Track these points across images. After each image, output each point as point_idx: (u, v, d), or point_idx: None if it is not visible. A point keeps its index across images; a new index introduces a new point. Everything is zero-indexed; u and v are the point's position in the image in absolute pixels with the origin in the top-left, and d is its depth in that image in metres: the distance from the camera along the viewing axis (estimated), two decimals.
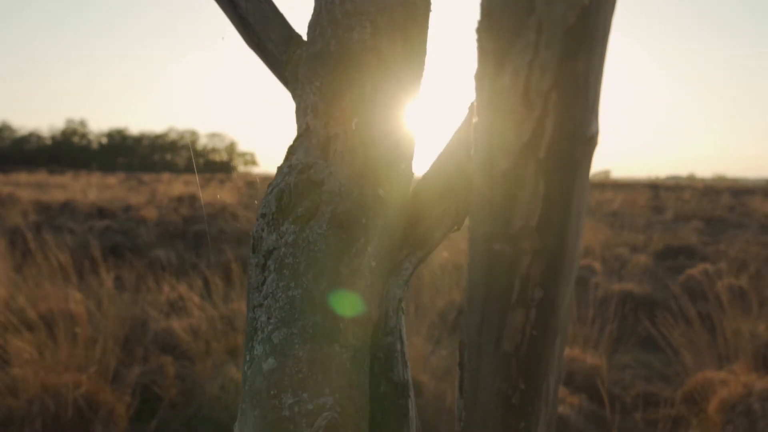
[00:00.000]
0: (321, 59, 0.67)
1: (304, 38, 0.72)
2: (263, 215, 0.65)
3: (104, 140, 76.63)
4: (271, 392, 0.61)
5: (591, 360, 3.73)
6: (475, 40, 0.38)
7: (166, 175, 31.72)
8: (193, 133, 72.17)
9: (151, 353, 3.70)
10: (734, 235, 9.79)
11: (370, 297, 0.65)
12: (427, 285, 4.80)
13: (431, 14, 0.70)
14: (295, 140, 0.68)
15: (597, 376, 3.57)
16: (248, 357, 0.64)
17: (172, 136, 75.53)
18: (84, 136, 76.28)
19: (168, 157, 74.81)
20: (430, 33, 0.70)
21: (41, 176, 26.36)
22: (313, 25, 0.70)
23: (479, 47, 0.37)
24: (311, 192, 0.63)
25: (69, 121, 75.64)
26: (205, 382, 3.42)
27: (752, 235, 9.57)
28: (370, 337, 0.67)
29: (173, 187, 18.59)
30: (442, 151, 0.71)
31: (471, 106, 0.65)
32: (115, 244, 7.25)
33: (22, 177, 24.45)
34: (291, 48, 0.71)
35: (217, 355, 3.64)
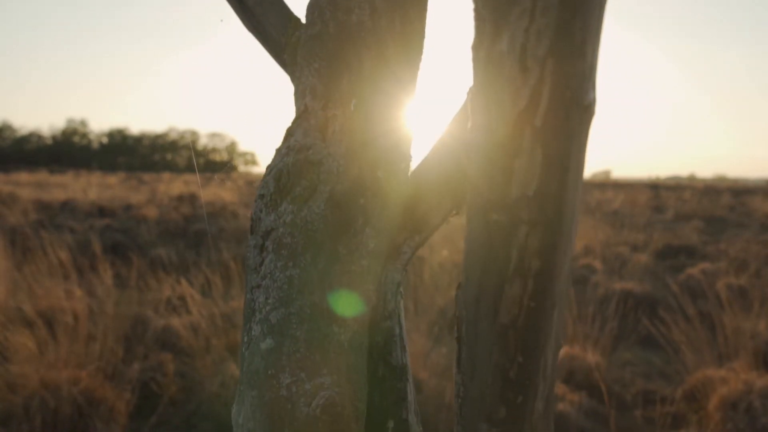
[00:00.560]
0: (320, 41, 0.67)
1: (303, 21, 0.72)
2: (261, 196, 0.65)
3: (105, 140, 76.67)
4: (269, 372, 0.60)
5: (591, 358, 3.73)
6: (472, 9, 0.37)
7: (166, 175, 31.73)
8: (194, 133, 72.23)
9: (151, 350, 3.70)
10: (735, 234, 9.79)
11: (368, 278, 0.65)
12: (427, 283, 4.80)
13: None
14: (293, 122, 0.68)
15: (597, 373, 3.57)
16: (246, 338, 0.64)
17: (173, 135, 75.59)
18: (84, 135, 76.33)
19: (168, 156, 74.85)
20: (429, 15, 0.70)
21: (42, 176, 26.35)
22: (311, 7, 0.70)
23: (476, 15, 0.37)
24: (309, 172, 0.63)
25: (69, 121, 75.68)
26: (205, 379, 3.43)
27: (753, 235, 9.57)
28: (368, 319, 0.67)
29: (173, 186, 18.60)
30: (442, 135, 0.71)
31: (470, 90, 0.65)
32: (116, 243, 7.25)
33: (23, 176, 24.45)
34: (290, 31, 0.71)
35: (217, 352, 3.65)
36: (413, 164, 0.73)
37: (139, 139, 76.80)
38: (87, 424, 2.89)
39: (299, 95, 0.68)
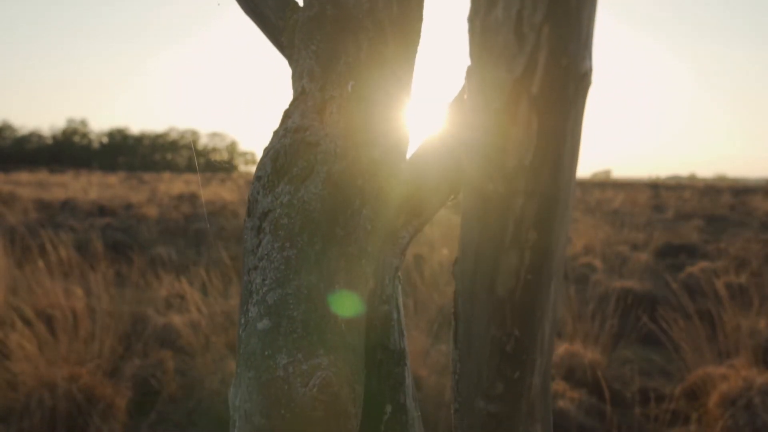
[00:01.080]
0: (317, 23, 0.66)
1: (301, 4, 0.72)
2: (258, 178, 0.65)
3: (105, 140, 76.73)
4: (266, 353, 0.60)
5: (591, 355, 3.72)
6: None
7: (166, 175, 31.74)
8: (194, 133, 72.32)
9: (150, 348, 3.70)
10: (735, 233, 9.78)
11: (366, 260, 0.65)
12: (427, 282, 4.80)
13: None
14: (290, 104, 0.67)
15: (597, 371, 3.57)
16: (243, 320, 0.64)
17: (173, 135, 75.67)
18: (85, 135, 76.37)
19: (169, 156, 74.92)
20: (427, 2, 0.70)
21: (42, 175, 26.36)
22: None
23: None
24: (306, 152, 0.63)
25: (70, 121, 75.75)
26: (205, 377, 3.42)
27: (753, 234, 9.56)
28: (366, 300, 0.67)
29: (174, 185, 18.62)
30: (440, 119, 0.71)
31: (468, 69, 0.64)
32: (116, 242, 7.25)
33: (23, 176, 24.46)
34: (287, 13, 0.71)
35: (216, 350, 3.64)
36: (412, 148, 0.73)
37: (140, 139, 76.88)
38: (86, 422, 2.89)
39: (296, 78, 0.68)
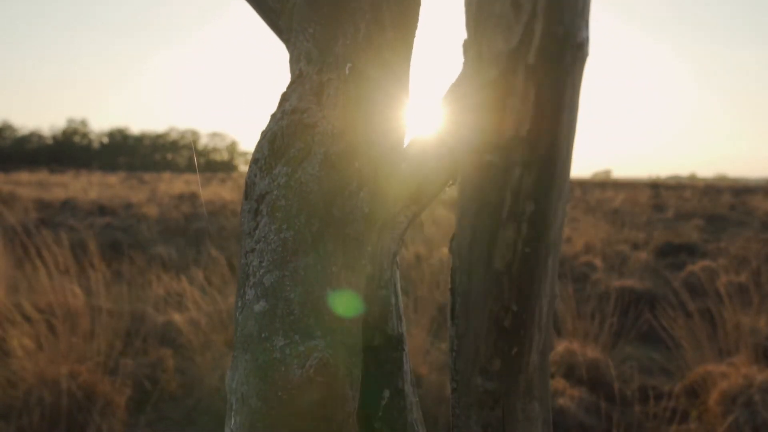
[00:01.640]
0: (314, 6, 0.66)
1: None
2: (256, 161, 0.65)
3: (105, 140, 76.76)
4: (263, 335, 0.60)
5: (591, 353, 3.72)
6: None
7: (167, 174, 31.75)
8: (194, 133, 72.40)
9: (150, 346, 3.70)
10: (735, 232, 9.78)
11: (363, 243, 0.64)
12: (426, 280, 4.79)
13: None
14: (288, 87, 0.67)
15: (597, 369, 3.57)
16: (240, 303, 0.63)
17: (173, 135, 75.71)
18: (85, 135, 76.41)
19: (169, 156, 74.98)
20: None
21: (42, 175, 26.36)
22: None
23: None
24: (304, 134, 0.62)
25: (70, 121, 75.78)
26: (205, 375, 3.42)
27: (753, 233, 9.55)
28: (363, 283, 0.66)
29: (174, 185, 18.62)
30: (438, 104, 0.71)
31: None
32: (116, 241, 7.24)
33: (24, 176, 24.46)
34: None
35: (216, 348, 3.64)
36: (411, 133, 0.73)
37: (140, 139, 76.93)
38: (86, 419, 2.89)
39: (294, 61, 0.68)
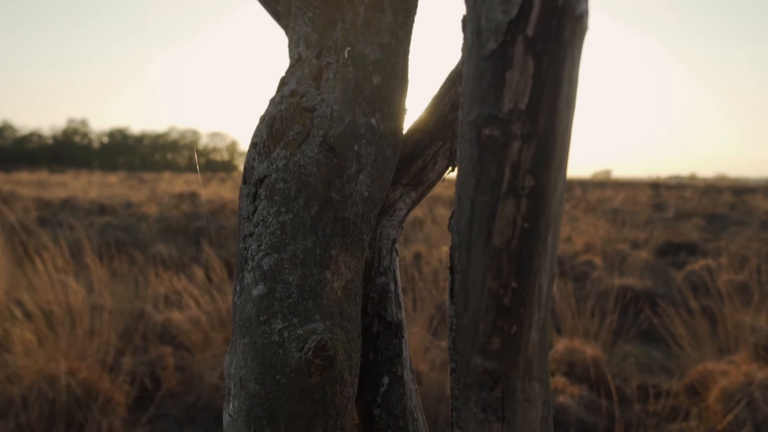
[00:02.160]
0: None
1: None
2: (254, 145, 0.65)
3: (105, 140, 76.81)
4: (261, 318, 0.60)
5: (591, 351, 3.72)
6: None
7: (167, 174, 31.76)
8: (194, 133, 72.45)
9: (150, 344, 3.70)
10: (735, 232, 9.77)
11: (362, 227, 0.64)
12: (426, 278, 4.79)
13: None
14: (287, 71, 0.67)
15: (597, 367, 3.56)
16: (238, 288, 0.63)
17: (173, 135, 75.75)
18: (85, 135, 76.44)
19: (169, 156, 75.03)
20: None
21: (42, 175, 26.38)
22: None
23: None
24: (303, 117, 0.62)
25: (70, 121, 75.82)
26: (205, 372, 3.42)
27: (753, 232, 9.55)
28: (362, 270, 0.66)
29: (174, 185, 18.63)
30: (438, 90, 0.71)
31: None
32: (116, 240, 7.24)
33: (24, 176, 24.48)
34: None
35: (216, 346, 3.64)
36: (411, 119, 0.72)
37: (140, 139, 76.98)
38: (86, 416, 2.88)
39: (293, 45, 0.67)
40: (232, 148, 77.60)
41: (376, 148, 0.63)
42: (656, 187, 27.05)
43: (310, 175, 0.61)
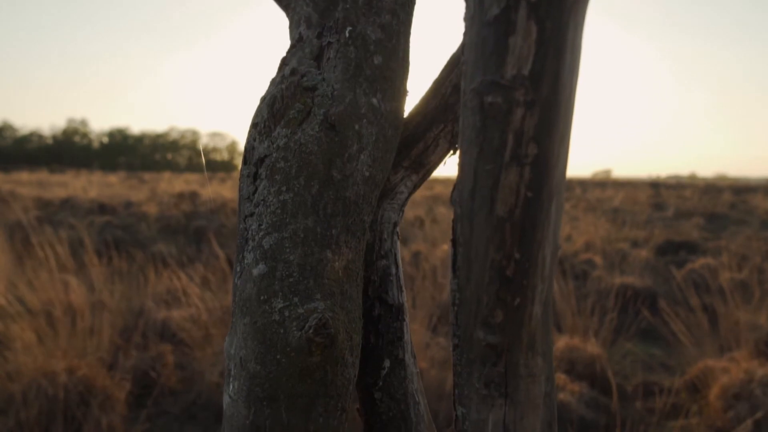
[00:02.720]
0: None
1: None
2: (255, 125, 0.64)
3: (105, 140, 76.82)
4: (261, 297, 0.59)
5: (591, 349, 3.71)
6: None
7: (167, 174, 31.76)
8: (194, 133, 72.47)
9: (150, 341, 3.69)
10: (735, 231, 9.77)
11: (363, 207, 0.64)
12: (427, 276, 4.79)
13: None
14: (287, 52, 0.67)
15: (598, 364, 3.56)
16: (239, 268, 0.63)
17: (173, 135, 75.77)
18: (85, 135, 76.44)
19: (169, 156, 75.07)
20: None
21: (42, 175, 26.39)
22: None
23: None
24: (304, 96, 0.62)
25: (70, 121, 75.80)
26: (205, 370, 3.41)
27: (753, 232, 9.54)
28: (363, 251, 0.66)
29: (174, 184, 18.63)
30: (439, 74, 0.70)
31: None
32: (116, 239, 7.23)
33: (24, 176, 24.48)
34: None
35: (216, 343, 3.63)
36: (412, 102, 0.72)
37: (140, 139, 76.99)
38: (85, 413, 2.88)
39: (294, 26, 0.67)
40: (232, 148, 77.61)
41: (377, 128, 0.63)
42: (656, 186, 27.05)
43: (311, 154, 0.61)
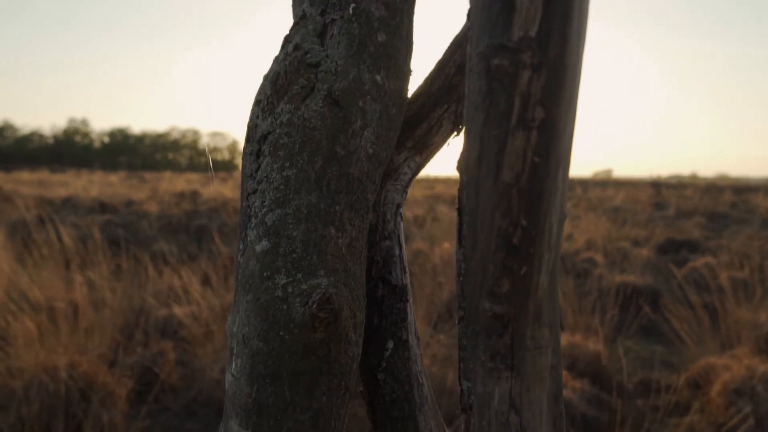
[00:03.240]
0: None
1: None
2: (258, 102, 0.64)
3: (106, 139, 76.91)
4: (264, 274, 0.59)
5: (593, 346, 3.71)
6: None
7: (168, 174, 31.78)
8: (195, 132, 72.54)
9: (151, 338, 3.69)
10: (736, 230, 9.76)
11: (367, 185, 0.63)
12: (428, 274, 4.79)
13: None
14: (290, 29, 0.66)
15: (599, 362, 3.56)
16: (241, 246, 0.62)
17: (174, 135, 75.84)
18: (86, 135, 76.52)
19: (170, 156, 75.14)
20: None
21: (43, 174, 26.41)
22: None
23: None
24: (307, 72, 0.62)
25: (71, 121, 75.88)
26: (206, 367, 3.41)
27: (754, 231, 9.54)
28: (366, 230, 0.66)
29: (175, 184, 18.64)
30: (443, 54, 0.70)
31: None
32: (117, 237, 7.23)
33: (25, 175, 24.50)
34: None
35: (217, 340, 3.63)
36: (416, 82, 0.72)
37: (141, 139, 77.06)
38: (86, 410, 2.88)
39: (296, 3, 0.67)
40: (233, 147, 77.64)
41: (381, 105, 0.63)
42: (657, 186, 27.04)
43: (315, 129, 0.60)
